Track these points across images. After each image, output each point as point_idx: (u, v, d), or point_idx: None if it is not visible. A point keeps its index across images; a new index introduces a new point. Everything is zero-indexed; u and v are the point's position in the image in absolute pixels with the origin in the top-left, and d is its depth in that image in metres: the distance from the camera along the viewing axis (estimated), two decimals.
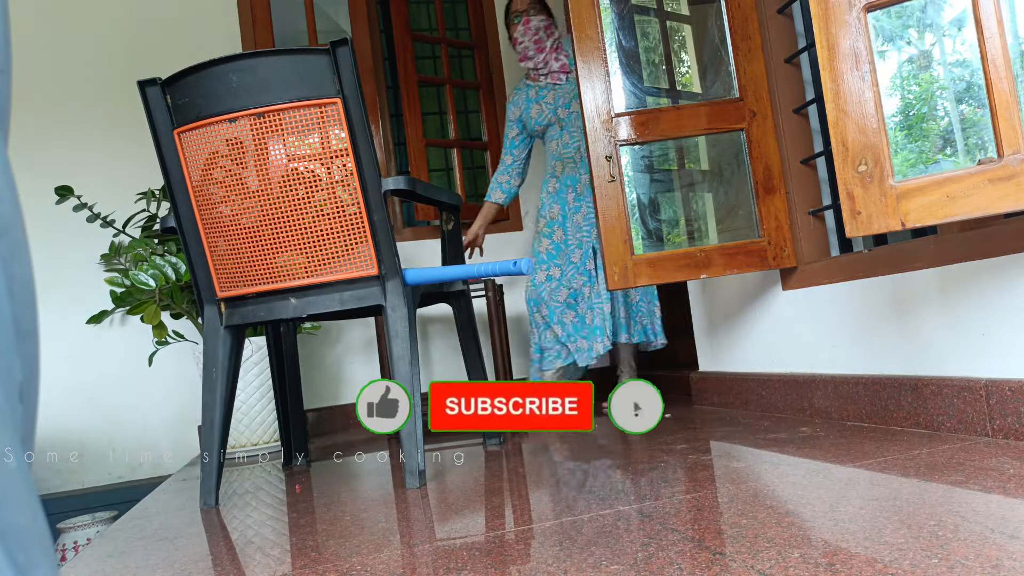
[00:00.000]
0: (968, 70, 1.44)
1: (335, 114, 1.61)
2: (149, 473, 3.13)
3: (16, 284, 0.36)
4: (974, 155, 1.45)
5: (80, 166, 3.14)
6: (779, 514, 1.08)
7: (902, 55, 1.55)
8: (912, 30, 1.52)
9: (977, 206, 1.24)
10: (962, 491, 1.10)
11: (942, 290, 1.58)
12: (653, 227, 2.40)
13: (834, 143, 1.36)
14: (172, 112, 1.68)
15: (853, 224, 1.35)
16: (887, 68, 1.48)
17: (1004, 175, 1.22)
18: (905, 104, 1.55)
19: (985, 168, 1.23)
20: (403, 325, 1.65)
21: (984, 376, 1.47)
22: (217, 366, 1.73)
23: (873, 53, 1.33)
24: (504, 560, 1.03)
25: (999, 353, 1.44)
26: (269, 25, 3.40)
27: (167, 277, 2.63)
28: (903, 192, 1.30)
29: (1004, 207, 1.22)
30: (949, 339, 1.57)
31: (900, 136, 1.51)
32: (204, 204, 1.70)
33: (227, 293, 1.75)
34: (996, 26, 1.22)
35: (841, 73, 1.34)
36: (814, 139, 2.11)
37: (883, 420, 1.71)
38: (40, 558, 0.33)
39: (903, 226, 1.31)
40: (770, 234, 2.09)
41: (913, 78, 1.57)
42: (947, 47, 1.53)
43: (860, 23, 1.33)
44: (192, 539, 1.46)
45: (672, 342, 2.89)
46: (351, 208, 1.64)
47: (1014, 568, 0.76)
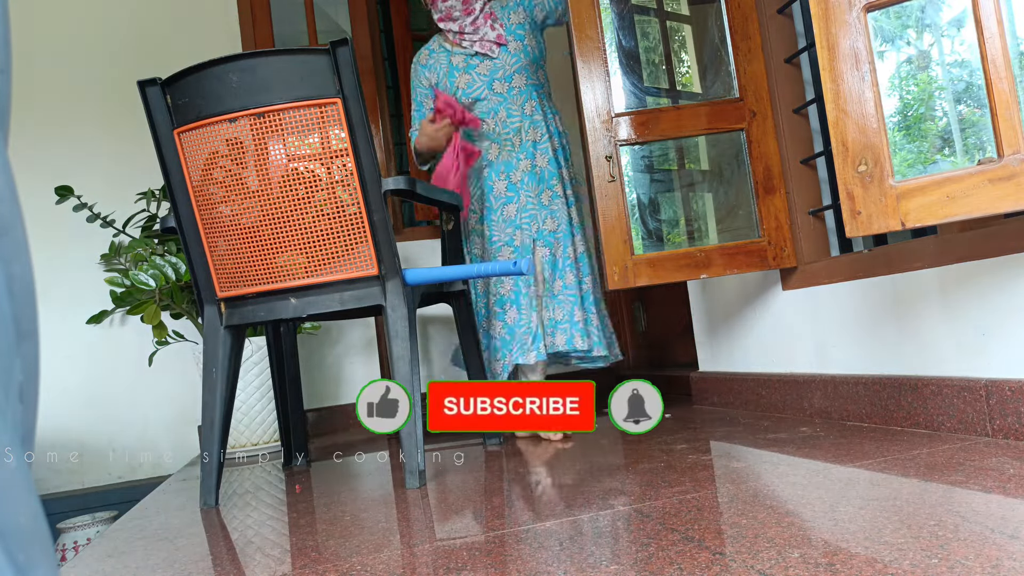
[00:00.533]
0: (967, 70, 1.44)
1: (335, 114, 1.61)
2: (149, 473, 3.13)
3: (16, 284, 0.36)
4: (973, 155, 1.45)
5: (80, 166, 3.14)
6: (779, 514, 1.08)
7: (901, 55, 1.56)
8: (911, 30, 1.52)
9: (977, 206, 1.24)
10: (962, 491, 1.10)
11: (942, 290, 1.58)
12: (653, 227, 2.40)
13: (834, 143, 1.36)
14: (172, 112, 1.68)
15: (853, 224, 1.35)
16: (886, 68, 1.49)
17: (1004, 175, 1.22)
18: (904, 104, 1.55)
19: (985, 168, 1.23)
20: (403, 325, 1.65)
21: (984, 376, 1.47)
22: (217, 366, 1.73)
23: (873, 53, 1.33)
24: (504, 560, 1.03)
25: (999, 353, 1.44)
26: (269, 25, 3.40)
27: (167, 277, 2.63)
28: (903, 192, 1.30)
29: (1004, 207, 1.22)
30: (949, 339, 1.57)
31: (899, 136, 1.51)
32: (204, 204, 1.70)
33: (227, 293, 1.75)
34: (996, 26, 1.22)
35: (841, 73, 1.34)
36: (814, 139, 2.11)
37: (883, 420, 1.71)
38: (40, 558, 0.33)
39: (903, 226, 1.31)
40: (770, 234, 2.10)
41: (912, 78, 1.57)
42: (945, 47, 1.53)
43: (860, 23, 1.33)
44: (192, 539, 1.46)
45: (672, 342, 2.89)
46: (351, 208, 1.64)
47: (1014, 568, 0.76)
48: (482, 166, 2.41)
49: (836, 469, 1.35)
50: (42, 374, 0.40)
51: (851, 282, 1.86)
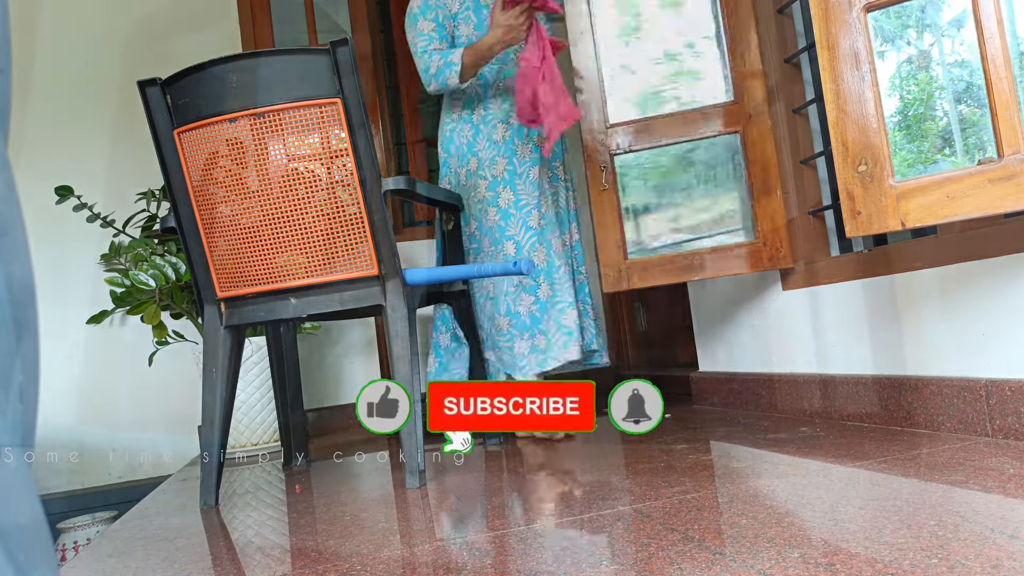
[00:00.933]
0: (967, 70, 1.45)
1: (335, 114, 1.61)
2: (149, 473, 3.12)
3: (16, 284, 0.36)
4: (973, 155, 1.45)
5: (80, 166, 3.14)
6: (779, 514, 1.08)
7: (901, 55, 1.56)
8: (911, 30, 1.52)
9: (977, 206, 1.24)
10: (962, 491, 1.10)
11: (942, 290, 1.58)
12: (647, 231, 2.40)
13: (834, 143, 1.36)
14: (172, 112, 1.68)
15: (853, 224, 1.35)
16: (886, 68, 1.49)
17: (1004, 175, 1.22)
18: (904, 104, 1.55)
19: (985, 168, 1.23)
20: (403, 325, 1.65)
21: (984, 376, 1.47)
22: (217, 366, 1.73)
23: (873, 53, 1.33)
24: (504, 560, 1.03)
25: (999, 353, 1.44)
26: (269, 25, 3.40)
27: (167, 277, 2.63)
28: (903, 192, 1.30)
29: (1004, 207, 1.22)
30: (949, 339, 1.57)
31: (899, 136, 1.51)
32: (204, 204, 1.70)
33: (227, 293, 1.75)
34: (996, 26, 1.22)
35: (841, 73, 1.34)
36: (814, 139, 2.11)
37: (883, 420, 1.71)
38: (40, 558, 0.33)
39: (903, 226, 1.31)
40: (765, 235, 2.10)
41: (912, 78, 1.57)
42: (945, 47, 1.53)
43: (860, 23, 1.33)
44: (192, 539, 1.46)
45: (672, 342, 2.89)
46: (351, 208, 1.64)
47: (1014, 568, 0.76)
48: (500, 123, 2.21)
49: (836, 469, 1.35)
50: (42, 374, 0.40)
51: (851, 282, 1.86)
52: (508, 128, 2.23)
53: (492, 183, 2.20)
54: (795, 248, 2.09)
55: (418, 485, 1.61)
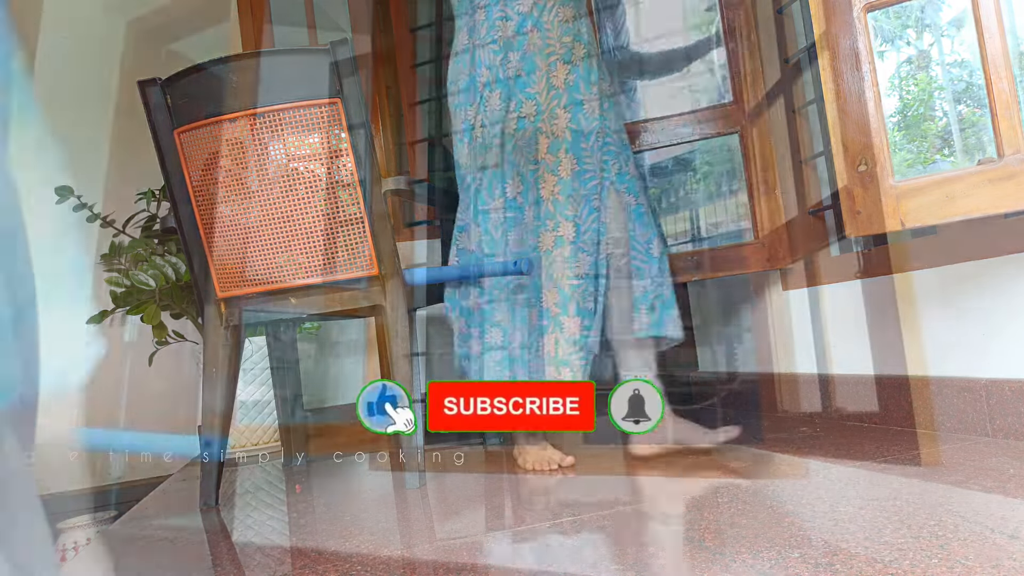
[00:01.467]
0: (967, 70, 1.45)
1: (335, 114, 1.61)
2: (149, 473, 3.12)
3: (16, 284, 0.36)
4: (972, 155, 1.45)
5: (80, 166, 3.14)
6: (779, 514, 1.08)
7: (901, 55, 1.56)
8: (911, 30, 1.52)
9: (977, 206, 1.24)
10: (962, 491, 1.10)
11: (942, 290, 1.58)
12: None
13: (834, 143, 1.36)
14: (172, 112, 1.68)
15: (853, 224, 1.35)
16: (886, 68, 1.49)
17: (1004, 175, 1.22)
18: (904, 104, 1.55)
19: (985, 168, 1.23)
20: (403, 325, 1.65)
21: (984, 376, 1.47)
22: (217, 366, 1.73)
23: (873, 53, 1.33)
24: (504, 560, 1.03)
25: (999, 353, 1.44)
26: (268, 25, 3.40)
27: (167, 277, 2.63)
28: (903, 192, 1.30)
29: (1004, 207, 1.22)
30: (949, 339, 1.57)
31: (899, 136, 1.51)
32: (204, 204, 1.70)
33: (227, 293, 1.75)
34: (996, 26, 1.22)
35: (841, 73, 1.34)
36: (814, 139, 2.11)
37: (883, 420, 1.71)
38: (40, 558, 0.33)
39: (903, 226, 1.31)
40: (765, 236, 2.10)
41: (911, 78, 1.57)
42: (945, 47, 1.53)
43: (860, 23, 1.33)
44: (192, 539, 1.46)
45: None
46: (351, 208, 1.64)
47: (1014, 568, 0.76)
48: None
49: (836, 469, 1.35)
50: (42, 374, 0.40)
51: (851, 282, 1.85)
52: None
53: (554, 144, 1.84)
54: (795, 248, 2.09)
55: (418, 485, 1.61)
